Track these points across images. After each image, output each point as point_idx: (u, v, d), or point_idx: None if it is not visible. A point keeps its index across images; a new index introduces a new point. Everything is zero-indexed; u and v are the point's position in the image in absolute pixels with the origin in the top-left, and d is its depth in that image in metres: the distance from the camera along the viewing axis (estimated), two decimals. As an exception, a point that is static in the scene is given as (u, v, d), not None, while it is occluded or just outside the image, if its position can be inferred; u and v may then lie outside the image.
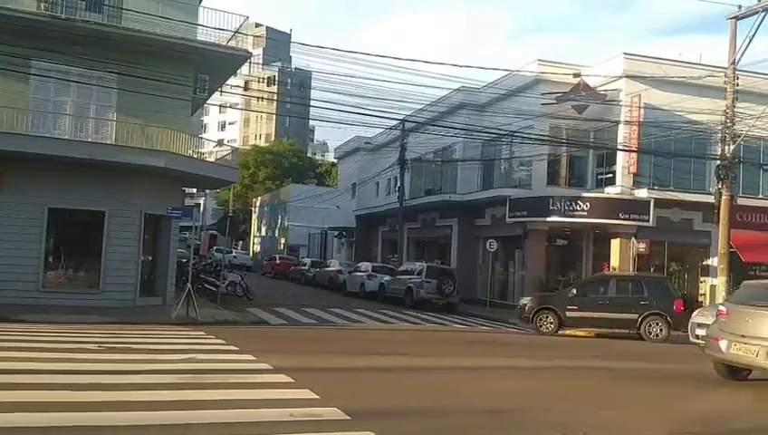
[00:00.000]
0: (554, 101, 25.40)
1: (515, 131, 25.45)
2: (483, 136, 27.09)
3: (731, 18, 19.93)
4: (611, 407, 8.20)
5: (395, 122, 28.84)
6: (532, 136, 24.85)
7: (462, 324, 20.49)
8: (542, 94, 25.66)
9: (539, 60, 27.37)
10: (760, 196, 26.31)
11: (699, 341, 13.83)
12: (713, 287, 24.08)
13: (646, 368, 12.59)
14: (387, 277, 28.21)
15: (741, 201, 22.29)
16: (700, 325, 14.40)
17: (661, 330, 18.10)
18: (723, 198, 20.19)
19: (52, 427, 5.62)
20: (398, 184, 33.70)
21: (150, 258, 19.47)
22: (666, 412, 7.98)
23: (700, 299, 26.56)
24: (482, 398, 8.33)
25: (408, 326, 18.95)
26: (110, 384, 7.54)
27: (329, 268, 36.22)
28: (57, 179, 17.36)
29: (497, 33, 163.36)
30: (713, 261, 24.27)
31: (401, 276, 27.11)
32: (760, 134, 23.90)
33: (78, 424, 5.74)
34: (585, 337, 18.72)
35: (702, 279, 26.52)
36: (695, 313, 15.78)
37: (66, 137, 17.87)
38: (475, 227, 30.60)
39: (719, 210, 20.29)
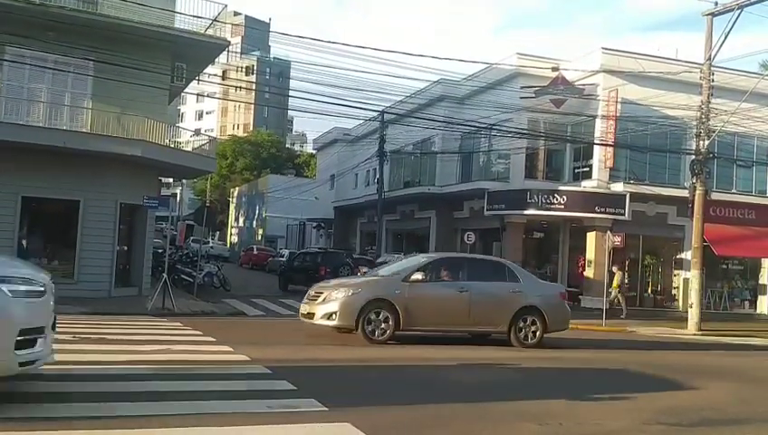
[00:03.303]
0: (533, 95, 25.54)
1: (494, 124, 25.56)
2: (462, 129, 27.17)
3: (707, 15, 20.15)
4: (584, 398, 8.30)
5: (374, 114, 28.79)
6: (510, 129, 24.98)
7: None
8: (521, 88, 25.78)
9: (518, 53, 27.46)
10: (734, 191, 26.74)
11: None
12: (686, 280, 24.46)
13: (616, 358, 12.75)
14: (365, 269, 28.15)
15: (715, 196, 22.63)
16: None
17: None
18: (697, 192, 20.47)
19: (24, 418, 5.55)
20: (377, 176, 33.68)
21: (126, 248, 19.29)
22: (636, 403, 8.10)
23: (673, 292, 27.00)
24: (458, 389, 8.38)
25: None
26: (84, 375, 7.47)
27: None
28: (31, 168, 17.08)
29: (480, 27, 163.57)
30: (686, 254, 24.65)
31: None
32: (734, 130, 24.26)
33: (52, 416, 5.67)
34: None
35: (675, 272, 26.92)
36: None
37: (41, 124, 17.58)
38: (454, 220, 30.71)
39: (693, 205, 20.57)
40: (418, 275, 12.56)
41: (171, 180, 32.43)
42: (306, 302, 12.74)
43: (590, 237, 25.03)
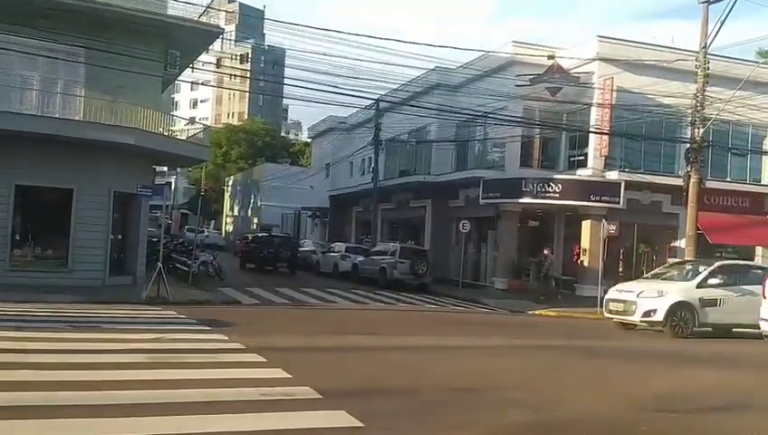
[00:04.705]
0: (528, 83, 25.44)
1: (489, 113, 25.49)
2: (457, 117, 27.10)
3: (703, 2, 20.09)
4: (579, 385, 8.33)
5: (369, 102, 28.68)
6: (505, 117, 24.91)
7: (434, 305, 20.63)
8: (517, 76, 25.68)
9: (514, 41, 27.38)
10: (728, 179, 26.76)
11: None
12: (680, 269, 24.51)
13: (609, 346, 12.80)
14: (360, 258, 28.23)
15: (709, 184, 22.63)
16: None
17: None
18: (691, 180, 20.49)
19: (19, 407, 5.53)
20: (373, 164, 33.62)
21: (120, 237, 19.22)
22: (628, 390, 8.13)
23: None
24: (453, 377, 8.40)
25: (380, 306, 19.01)
26: (78, 363, 7.45)
27: (302, 248, 36.11)
28: (24, 156, 16.98)
29: (477, 15, 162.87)
30: (680, 243, 24.68)
31: (375, 257, 27.14)
32: (729, 118, 24.24)
33: (46, 404, 5.66)
34: (554, 317, 18.99)
35: (670, 260, 26.97)
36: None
37: (33, 112, 17.45)
38: (449, 208, 30.69)
39: (688, 193, 20.59)
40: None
41: (166, 169, 32.44)
42: None
43: (585, 226, 25.05)
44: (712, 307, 14.94)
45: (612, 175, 25.02)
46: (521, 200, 25.63)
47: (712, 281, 15.10)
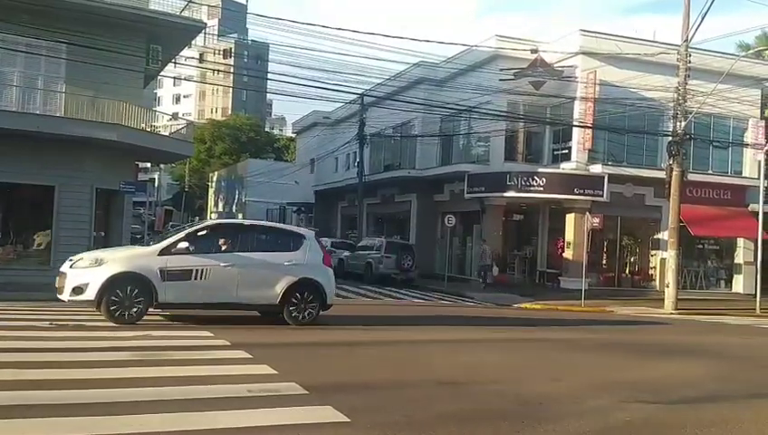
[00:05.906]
0: (512, 77, 25.52)
1: (474, 107, 25.55)
2: (441, 111, 27.12)
3: (684, -4, 20.22)
4: (564, 378, 8.38)
5: (354, 97, 28.64)
6: (490, 112, 24.97)
7: (420, 299, 20.67)
8: (501, 70, 25.75)
9: (497, 36, 27.42)
10: (710, 171, 27.04)
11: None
12: (663, 261, 24.75)
13: (595, 338, 12.90)
14: (346, 253, 28.21)
15: (691, 177, 22.87)
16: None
17: None
18: (674, 173, 20.68)
19: (5, 406, 5.47)
20: (358, 159, 33.57)
21: (103, 234, 19.07)
22: (616, 382, 8.20)
23: (651, 272, 27.32)
24: (439, 371, 8.42)
25: (366, 301, 19.02)
26: (62, 362, 7.38)
27: (287, 244, 35.98)
28: (4, 153, 16.78)
29: (462, 10, 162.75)
30: (663, 235, 24.93)
31: (361, 252, 27.13)
32: (710, 111, 24.48)
33: (31, 403, 5.60)
34: (540, 309, 19.10)
35: (653, 252, 27.23)
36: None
37: (13, 109, 17.27)
38: (434, 203, 30.76)
39: (670, 186, 20.79)
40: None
41: (149, 165, 32.29)
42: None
43: (570, 219, 25.20)
44: (185, 281, 10.87)
45: (596, 168, 25.18)
46: (505, 194, 25.75)
47: (183, 245, 10.99)
